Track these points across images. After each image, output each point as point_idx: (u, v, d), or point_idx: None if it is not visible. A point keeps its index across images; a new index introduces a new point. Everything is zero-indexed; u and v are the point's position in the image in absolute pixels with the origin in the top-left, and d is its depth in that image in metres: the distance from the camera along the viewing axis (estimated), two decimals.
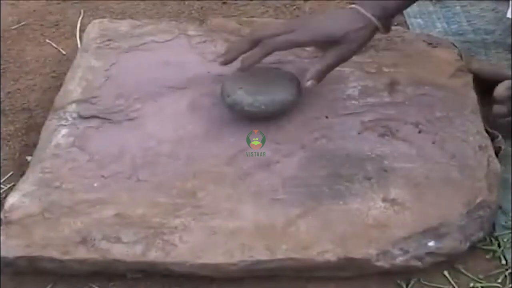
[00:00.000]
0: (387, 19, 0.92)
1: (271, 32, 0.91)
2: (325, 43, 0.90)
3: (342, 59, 0.92)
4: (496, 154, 0.91)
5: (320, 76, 0.91)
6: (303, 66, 1.00)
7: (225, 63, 0.92)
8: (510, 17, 1.13)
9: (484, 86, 0.99)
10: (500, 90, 0.92)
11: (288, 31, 0.90)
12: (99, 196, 0.86)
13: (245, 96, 0.91)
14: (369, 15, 0.90)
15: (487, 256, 0.84)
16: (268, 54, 0.90)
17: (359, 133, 0.93)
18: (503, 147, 0.92)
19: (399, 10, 0.96)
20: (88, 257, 0.79)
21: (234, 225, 0.82)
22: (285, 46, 0.91)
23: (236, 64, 0.92)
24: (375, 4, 0.91)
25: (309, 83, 0.90)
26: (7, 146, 1.01)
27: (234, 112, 0.93)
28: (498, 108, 0.93)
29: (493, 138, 0.93)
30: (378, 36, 1.08)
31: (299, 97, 0.95)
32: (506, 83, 0.93)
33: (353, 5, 0.93)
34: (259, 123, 0.93)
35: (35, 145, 0.95)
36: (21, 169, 0.96)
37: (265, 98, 0.92)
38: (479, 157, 0.89)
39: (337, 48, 0.90)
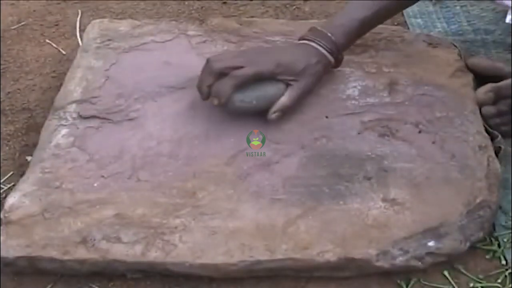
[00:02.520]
0: (338, 54, 0.97)
1: (231, 64, 0.92)
2: (287, 74, 0.92)
3: (305, 93, 0.95)
4: (496, 154, 0.91)
5: (285, 110, 0.93)
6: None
7: (205, 99, 0.94)
8: (510, 22, 1.13)
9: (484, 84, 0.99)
10: (480, 94, 0.96)
11: (248, 63, 0.92)
12: (99, 196, 0.86)
13: (236, 92, 0.91)
14: (323, 51, 0.95)
15: (487, 256, 0.84)
16: (237, 86, 0.90)
17: (359, 133, 0.93)
18: (503, 147, 0.92)
19: (349, 45, 0.99)
20: (88, 257, 0.79)
21: (234, 225, 0.82)
22: (250, 78, 0.91)
23: None
24: (327, 41, 0.95)
25: (274, 115, 0.93)
26: (7, 146, 1.01)
27: (226, 108, 0.93)
28: (486, 110, 0.95)
29: (493, 138, 0.93)
30: (378, 36, 1.09)
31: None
32: (488, 86, 0.95)
33: (305, 41, 0.96)
34: (259, 123, 0.93)
35: (35, 145, 0.95)
36: (21, 169, 0.96)
37: (256, 94, 0.92)
38: (479, 157, 0.89)
39: (298, 81, 0.93)
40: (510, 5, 1.14)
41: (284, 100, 0.93)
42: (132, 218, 0.83)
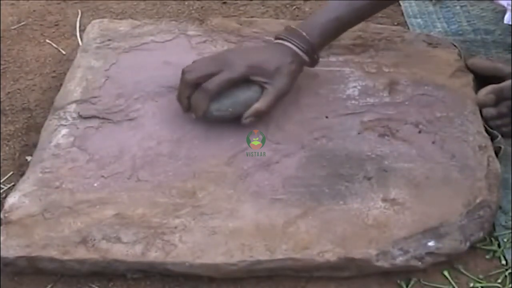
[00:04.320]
0: (314, 53, 0.95)
1: (204, 72, 0.91)
2: (260, 75, 0.91)
3: (281, 95, 0.93)
4: (496, 154, 0.91)
5: (260, 114, 0.92)
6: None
7: (187, 111, 0.94)
8: (509, 23, 1.13)
9: (485, 84, 0.99)
10: (481, 95, 0.95)
11: (220, 69, 0.91)
12: (99, 196, 0.86)
13: (211, 103, 0.91)
14: (297, 50, 0.94)
15: (487, 256, 0.84)
16: (211, 98, 0.90)
17: (359, 133, 0.93)
18: (503, 147, 0.92)
19: (324, 44, 0.98)
20: (88, 257, 0.79)
21: (234, 225, 0.82)
22: (223, 86, 0.91)
23: None
24: (301, 40, 0.94)
25: (247, 120, 0.92)
26: (7, 146, 1.01)
27: (206, 119, 0.93)
28: (487, 111, 0.95)
29: (493, 138, 0.93)
30: (378, 36, 1.09)
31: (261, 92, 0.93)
32: (489, 88, 0.95)
33: (279, 40, 0.95)
34: (259, 123, 0.93)
35: (35, 145, 0.95)
36: (21, 169, 0.96)
37: (230, 101, 0.92)
38: (479, 157, 0.89)
39: (272, 85, 0.91)
40: (507, 6, 1.15)
41: (257, 105, 0.91)
42: (132, 218, 0.83)
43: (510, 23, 1.13)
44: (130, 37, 1.11)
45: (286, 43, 0.94)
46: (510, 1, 1.12)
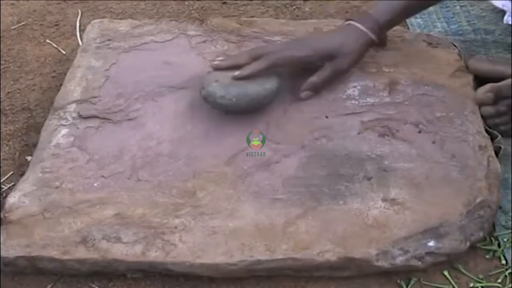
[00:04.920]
0: (381, 31, 0.98)
1: (270, 49, 0.95)
2: (322, 57, 0.95)
3: (338, 72, 0.96)
4: (496, 154, 0.91)
5: (315, 88, 0.96)
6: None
7: (217, 67, 0.95)
8: (509, 23, 1.14)
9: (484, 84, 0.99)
10: (480, 94, 0.96)
11: (286, 48, 0.95)
12: (99, 196, 0.86)
13: (218, 89, 0.92)
14: (363, 28, 0.96)
15: (487, 256, 0.84)
16: (267, 68, 0.93)
17: (359, 133, 0.93)
18: (503, 147, 0.92)
19: (392, 23, 1.00)
20: (88, 257, 0.79)
21: (234, 225, 0.82)
22: (284, 61, 0.94)
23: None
24: (369, 19, 0.97)
25: (303, 94, 0.96)
26: (7, 146, 1.01)
27: (208, 104, 0.94)
28: (485, 110, 0.95)
29: (493, 138, 0.93)
30: None
31: (275, 93, 0.95)
32: (487, 86, 0.95)
33: (347, 22, 0.98)
34: (259, 123, 0.93)
35: (35, 145, 0.95)
36: (21, 169, 0.96)
37: (237, 91, 0.92)
38: (479, 157, 0.89)
39: (333, 61, 0.95)
40: (503, 7, 1.15)
41: (312, 78, 0.95)
42: (132, 218, 0.83)
43: (510, 23, 1.14)
44: (130, 37, 1.11)
45: (354, 23, 0.97)
46: (508, 1, 1.12)
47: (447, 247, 0.80)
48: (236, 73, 0.93)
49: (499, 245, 0.85)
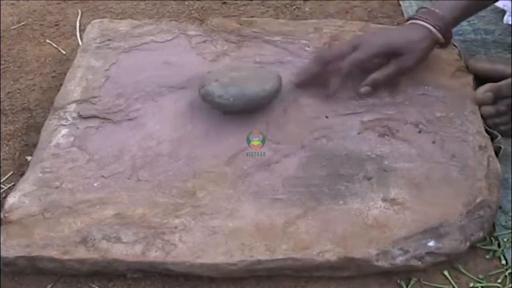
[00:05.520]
0: (446, 29, 0.96)
1: (338, 52, 0.95)
2: (389, 55, 0.94)
3: (402, 69, 0.95)
4: (496, 154, 0.91)
5: (376, 84, 0.95)
6: (302, 66, 1.00)
7: (300, 86, 0.97)
8: (509, 23, 1.14)
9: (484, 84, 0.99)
10: (479, 93, 0.96)
11: (352, 50, 0.94)
12: (99, 196, 0.86)
13: (217, 88, 0.92)
14: (430, 26, 0.95)
15: (487, 256, 0.84)
16: (346, 76, 0.94)
17: (359, 133, 0.93)
18: (503, 147, 0.92)
19: (457, 20, 0.99)
20: (88, 257, 0.79)
21: (234, 225, 0.82)
22: (356, 65, 0.94)
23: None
24: (434, 16, 0.95)
25: (363, 89, 0.95)
26: (7, 146, 1.01)
27: (206, 102, 0.94)
28: (485, 110, 0.95)
29: (493, 138, 0.93)
30: None
31: (274, 94, 0.95)
32: (487, 86, 0.95)
33: (412, 20, 0.97)
34: (259, 123, 0.93)
35: (35, 145, 0.95)
36: (21, 169, 0.96)
37: (235, 91, 0.92)
38: (479, 157, 0.89)
39: (398, 59, 0.94)
40: (504, 7, 1.15)
41: (374, 75, 0.94)
42: (132, 218, 0.83)
43: (510, 23, 1.14)
44: (130, 37, 1.11)
45: (419, 21, 0.96)
46: (509, 1, 1.12)
47: (447, 247, 0.80)
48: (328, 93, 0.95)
49: (499, 245, 0.85)
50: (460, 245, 0.81)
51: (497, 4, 1.17)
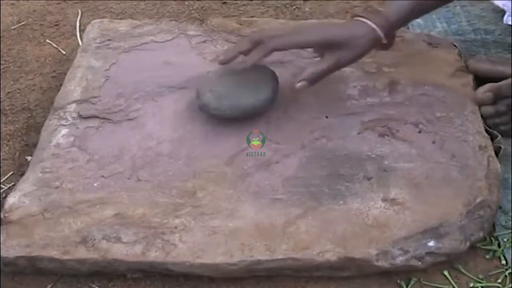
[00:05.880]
0: (390, 30, 0.93)
1: (272, 33, 0.91)
2: (326, 47, 0.90)
3: (339, 65, 0.91)
4: (496, 154, 0.91)
5: (313, 79, 0.90)
6: (302, 66, 1.00)
7: (224, 62, 0.93)
8: (509, 23, 1.14)
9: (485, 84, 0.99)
10: (479, 93, 0.95)
11: (289, 33, 0.91)
12: (99, 196, 0.86)
13: (212, 100, 0.92)
14: (372, 24, 0.91)
15: (487, 256, 0.84)
16: (268, 53, 0.90)
17: (359, 133, 0.93)
18: (503, 147, 0.92)
19: (401, 22, 0.96)
20: (88, 257, 0.79)
21: (234, 225, 0.82)
22: (285, 46, 0.91)
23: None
24: (378, 15, 0.92)
25: (299, 84, 0.90)
26: (7, 146, 1.01)
27: (204, 113, 0.94)
28: (485, 110, 0.95)
29: (493, 138, 0.93)
30: None
31: (270, 101, 0.94)
32: (487, 86, 0.95)
33: (356, 17, 0.94)
34: (259, 123, 0.93)
35: (35, 145, 0.95)
36: (21, 169, 0.96)
37: (230, 103, 0.92)
38: (479, 157, 0.89)
39: (335, 53, 0.90)
40: (503, 6, 1.15)
41: (311, 69, 0.90)
42: (132, 218, 0.83)
43: (509, 23, 1.14)
44: (130, 37, 1.11)
45: (363, 19, 0.92)
46: (509, 0, 1.12)
47: (447, 247, 0.80)
48: (241, 65, 0.90)
49: (499, 245, 0.85)
50: (460, 245, 0.81)
51: (497, 3, 1.17)
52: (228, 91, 0.93)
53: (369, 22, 0.91)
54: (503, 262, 0.83)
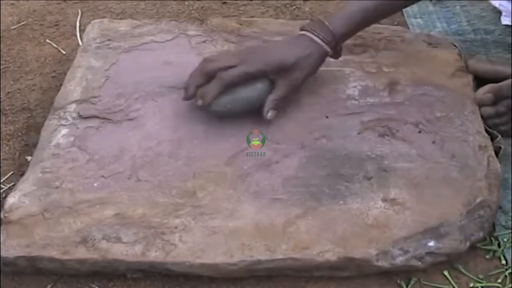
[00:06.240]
0: (336, 44, 0.95)
1: (223, 64, 0.92)
2: (277, 71, 0.92)
3: (294, 87, 0.94)
4: (496, 154, 0.91)
5: (277, 105, 0.93)
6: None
7: (188, 98, 0.94)
8: (504, 23, 1.14)
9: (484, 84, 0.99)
10: (480, 94, 0.96)
11: (239, 63, 0.92)
12: (99, 196, 0.86)
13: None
14: (318, 40, 0.93)
15: (487, 256, 0.84)
16: (224, 87, 0.91)
17: (359, 133, 0.93)
18: (503, 147, 0.92)
19: (348, 36, 0.98)
20: (88, 257, 0.79)
21: (234, 225, 0.82)
22: (239, 78, 0.92)
23: None
24: (324, 30, 0.93)
25: (269, 114, 0.92)
26: (7, 146, 1.01)
27: (205, 111, 0.94)
28: (485, 110, 0.95)
29: (493, 138, 0.93)
30: (378, 36, 1.09)
31: (267, 92, 0.93)
32: (487, 87, 0.95)
33: (302, 32, 0.95)
34: (259, 123, 0.93)
35: (35, 145, 0.95)
36: (21, 169, 0.96)
37: (228, 99, 0.92)
38: (479, 157, 0.89)
39: (287, 77, 0.92)
40: (500, 6, 1.15)
41: (271, 97, 0.92)
42: (132, 218, 0.83)
43: (505, 23, 1.14)
44: (130, 37, 1.11)
45: (308, 33, 0.94)
46: (506, 1, 1.12)
47: (447, 247, 0.80)
48: (198, 102, 0.92)
49: (499, 245, 0.85)
50: (460, 245, 0.81)
51: (494, 3, 1.17)
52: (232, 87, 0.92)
53: (314, 38, 0.93)
54: (503, 262, 0.83)
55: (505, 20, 1.16)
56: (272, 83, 0.94)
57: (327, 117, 0.96)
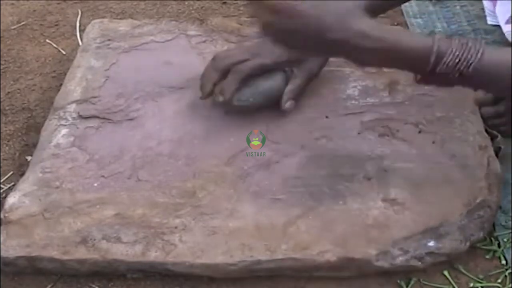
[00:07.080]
0: None
1: (236, 59, 0.92)
2: (291, 61, 0.93)
3: (311, 75, 0.94)
4: (496, 154, 0.91)
5: (296, 94, 0.94)
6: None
7: (205, 97, 0.94)
8: (489, 23, 1.14)
9: None
10: (479, 94, 0.95)
11: (252, 56, 0.92)
12: (99, 196, 0.86)
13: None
14: None
15: (487, 256, 0.84)
16: (242, 81, 0.91)
17: (359, 133, 0.93)
18: (503, 147, 0.92)
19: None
20: (88, 257, 0.79)
21: (234, 225, 0.82)
22: (255, 71, 0.92)
23: None
24: None
25: (287, 104, 0.93)
26: (7, 146, 1.01)
27: (225, 107, 0.93)
28: (485, 110, 0.95)
29: (493, 138, 0.93)
30: None
31: (285, 83, 0.94)
32: None
33: None
34: (259, 123, 0.93)
35: (35, 145, 0.95)
36: (21, 169, 0.96)
37: (250, 92, 0.92)
38: (479, 157, 0.89)
39: (303, 65, 0.93)
40: (487, 7, 1.15)
41: (289, 87, 0.93)
42: (132, 218, 0.83)
43: (491, 23, 1.14)
44: (130, 37, 1.11)
45: None
46: (488, 1, 1.13)
47: (447, 247, 0.80)
48: (219, 99, 0.91)
49: (499, 245, 0.85)
50: (460, 245, 0.81)
51: (484, 3, 1.18)
52: (245, 81, 0.92)
53: None
54: (503, 262, 0.83)
55: (490, 21, 1.16)
56: (287, 74, 0.94)
57: (327, 117, 0.96)
